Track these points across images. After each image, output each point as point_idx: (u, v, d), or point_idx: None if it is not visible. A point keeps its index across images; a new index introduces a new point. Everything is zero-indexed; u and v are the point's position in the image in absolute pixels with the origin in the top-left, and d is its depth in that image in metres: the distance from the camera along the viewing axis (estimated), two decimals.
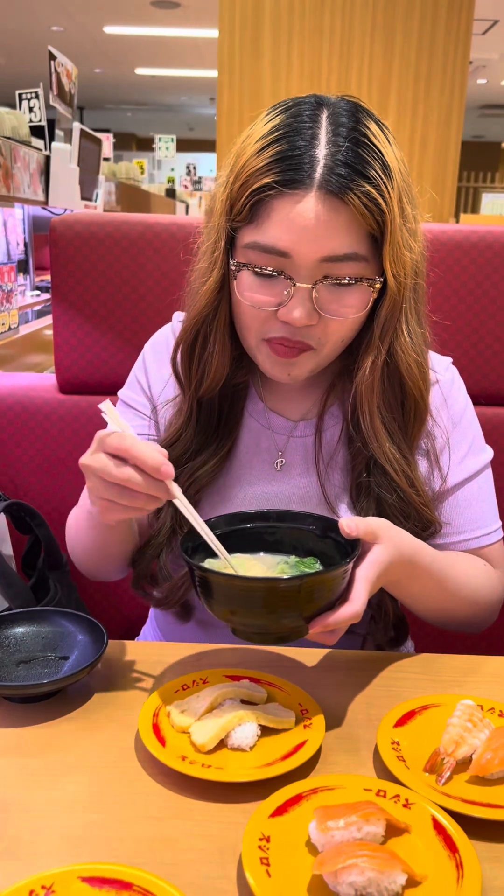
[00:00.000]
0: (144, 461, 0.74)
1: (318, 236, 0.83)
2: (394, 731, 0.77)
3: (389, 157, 0.85)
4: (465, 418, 1.04)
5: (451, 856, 0.62)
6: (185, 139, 15.88)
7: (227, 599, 0.77)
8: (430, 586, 0.92)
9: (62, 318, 1.35)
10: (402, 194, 0.86)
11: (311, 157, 0.82)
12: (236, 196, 0.86)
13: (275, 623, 0.77)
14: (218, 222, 0.90)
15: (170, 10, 8.41)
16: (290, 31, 4.17)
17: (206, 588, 0.77)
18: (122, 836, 0.66)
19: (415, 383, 0.93)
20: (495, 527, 1.03)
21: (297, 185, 0.82)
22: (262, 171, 0.83)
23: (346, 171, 0.82)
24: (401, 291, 0.88)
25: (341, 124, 0.84)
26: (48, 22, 9.08)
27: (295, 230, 0.83)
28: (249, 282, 0.87)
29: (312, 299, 0.85)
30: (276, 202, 0.83)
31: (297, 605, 0.75)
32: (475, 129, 15.02)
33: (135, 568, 1.03)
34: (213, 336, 0.94)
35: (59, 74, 3.24)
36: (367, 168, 0.82)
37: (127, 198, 5.80)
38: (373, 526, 0.82)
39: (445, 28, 4.16)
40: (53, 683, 0.80)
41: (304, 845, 0.63)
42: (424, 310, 0.96)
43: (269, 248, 0.84)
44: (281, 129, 0.84)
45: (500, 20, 7.91)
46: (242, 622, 0.78)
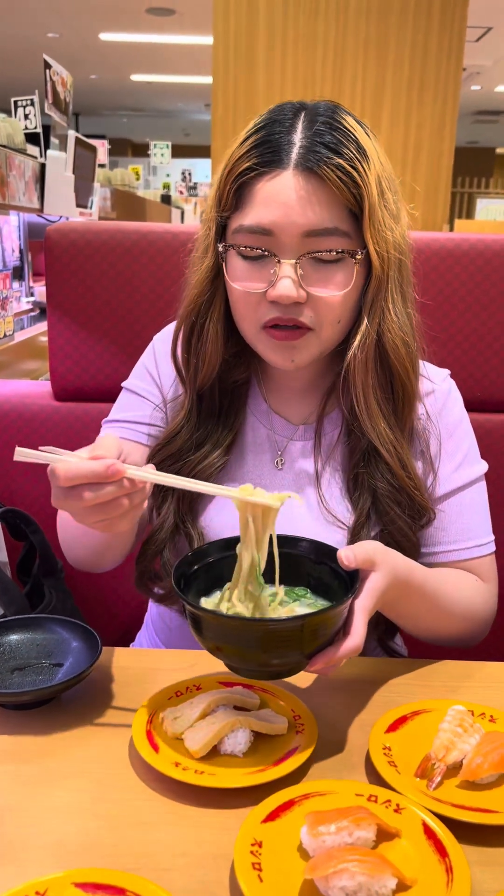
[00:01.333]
0: (87, 477, 0.71)
1: (298, 211, 0.86)
2: (385, 736, 0.78)
3: (365, 142, 0.89)
4: (461, 428, 1.05)
5: (440, 860, 0.63)
6: (181, 145, 15.90)
7: (222, 638, 0.75)
8: (423, 605, 0.92)
9: (57, 326, 1.35)
10: (380, 178, 0.90)
11: (288, 141, 0.88)
12: (223, 186, 0.91)
13: (272, 662, 0.75)
14: (209, 215, 0.95)
15: (165, 17, 8.44)
16: (284, 38, 4.20)
17: (199, 625, 0.75)
18: (116, 842, 0.66)
19: (401, 363, 0.95)
20: (487, 539, 1.03)
21: (275, 164, 0.87)
22: (243, 158, 0.89)
23: (321, 149, 0.86)
24: (385, 269, 0.91)
25: (318, 113, 0.90)
26: (44, 28, 9.11)
27: (276, 207, 0.87)
28: (239, 268, 0.91)
29: (297, 275, 0.87)
30: (257, 184, 0.88)
31: (298, 644, 0.73)
32: (470, 134, 15.07)
33: (137, 566, 1.04)
34: (207, 325, 0.97)
35: (55, 83, 3.25)
36: (341, 147, 0.87)
37: (122, 204, 5.81)
38: (369, 553, 0.81)
39: (438, 36, 4.19)
40: (48, 690, 0.81)
41: (296, 850, 0.64)
42: (411, 293, 0.98)
43: (253, 229, 0.88)
44: (262, 122, 0.91)
45: (493, 27, 7.96)
46: (237, 661, 0.77)
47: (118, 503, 0.73)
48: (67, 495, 0.72)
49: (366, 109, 4.27)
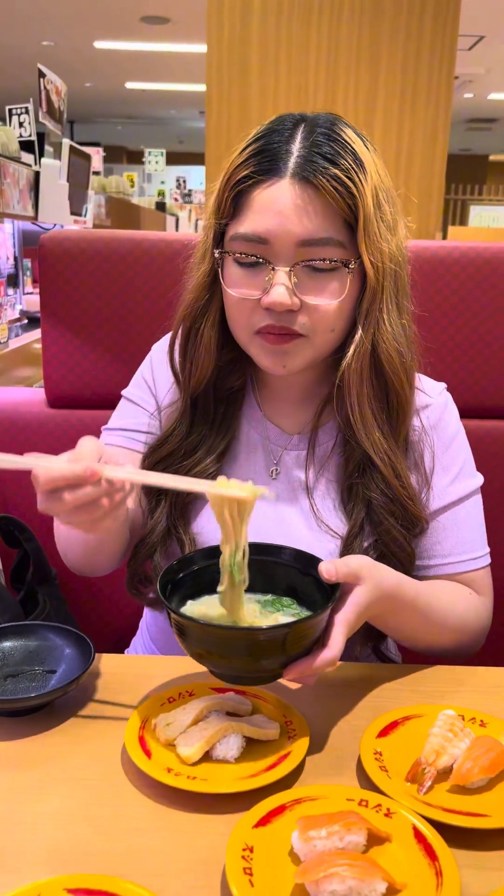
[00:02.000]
0: (67, 479, 0.72)
1: (293, 220, 0.87)
2: (376, 741, 0.78)
3: (363, 154, 0.90)
4: (456, 441, 1.05)
5: (430, 864, 0.63)
6: (175, 152, 15.95)
7: (204, 645, 0.76)
8: (415, 619, 0.92)
9: (51, 333, 1.36)
10: (377, 190, 0.91)
11: (286, 151, 0.89)
12: (221, 193, 0.93)
13: (253, 669, 0.77)
14: (208, 221, 0.96)
15: (159, 26, 8.48)
16: (278, 46, 4.22)
17: (183, 633, 0.76)
18: (108, 848, 0.67)
19: (395, 373, 0.95)
20: (482, 552, 1.04)
21: (272, 173, 0.88)
22: (242, 166, 0.90)
23: (318, 160, 0.88)
24: (379, 280, 0.92)
25: (318, 124, 0.91)
26: (39, 37, 9.13)
27: (271, 215, 0.88)
28: (234, 274, 0.92)
29: (291, 283, 0.89)
30: (254, 192, 0.89)
31: (278, 653, 0.74)
32: (463, 142, 15.15)
33: (129, 569, 1.04)
34: (202, 330, 0.98)
35: (49, 92, 3.26)
36: (338, 158, 0.88)
37: (117, 212, 5.83)
38: (353, 567, 0.82)
39: (430, 44, 4.21)
40: (40, 697, 0.81)
41: (287, 855, 0.65)
42: (408, 305, 0.98)
43: (248, 237, 0.89)
44: (262, 132, 0.92)
45: (486, 36, 8.01)
46: (219, 667, 0.78)
47: (98, 504, 0.75)
48: (49, 498, 0.74)
49: (359, 116, 4.29)
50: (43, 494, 0.74)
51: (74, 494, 0.73)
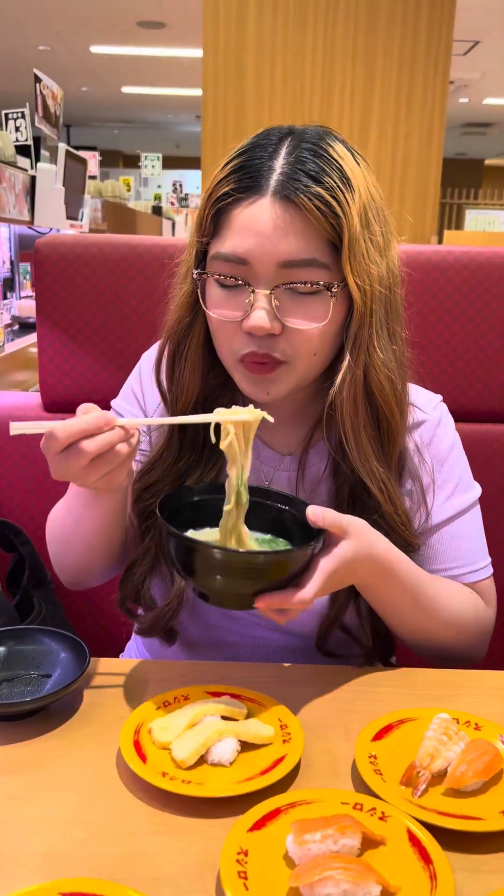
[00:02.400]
0: (85, 430, 0.77)
1: (274, 241, 0.84)
2: (371, 744, 0.78)
3: (351, 171, 0.86)
4: (452, 456, 1.03)
5: (425, 867, 0.63)
6: (172, 156, 15.96)
7: (186, 559, 0.81)
8: (406, 598, 0.92)
9: (47, 337, 1.36)
10: (366, 209, 0.87)
11: (269, 167, 0.85)
12: (202, 210, 0.90)
13: (227, 591, 0.81)
14: (191, 239, 0.93)
15: (155, 31, 8.50)
16: (273, 51, 4.23)
17: (171, 547, 0.82)
18: (103, 853, 0.67)
19: (386, 401, 0.92)
20: (483, 564, 1.02)
21: (253, 191, 0.85)
22: (223, 182, 0.87)
23: (301, 177, 0.84)
24: (367, 304, 0.88)
25: (305, 139, 0.87)
26: (35, 41, 9.15)
27: (251, 235, 0.85)
28: (215, 295, 0.89)
29: (272, 306, 0.85)
30: (234, 210, 0.86)
31: (250, 578, 0.78)
32: (458, 146, 15.21)
33: (121, 590, 1.03)
34: (186, 352, 0.95)
35: (45, 96, 3.27)
36: (322, 175, 0.84)
37: (113, 216, 5.83)
38: (342, 520, 0.84)
39: (426, 49, 4.23)
40: (36, 702, 0.81)
41: (282, 859, 0.65)
42: (401, 330, 0.95)
43: (228, 257, 0.86)
44: (246, 146, 0.89)
45: (481, 41, 8.04)
46: (199, 584, 0.82)
47: (115, 452, 0.79)
48: (68, 455, 0.78)
49: (354, 121, 4.31)
50: (59, 456, 0.78)
51: (94, 441, 0.77)
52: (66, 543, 1.02)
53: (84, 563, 1.03)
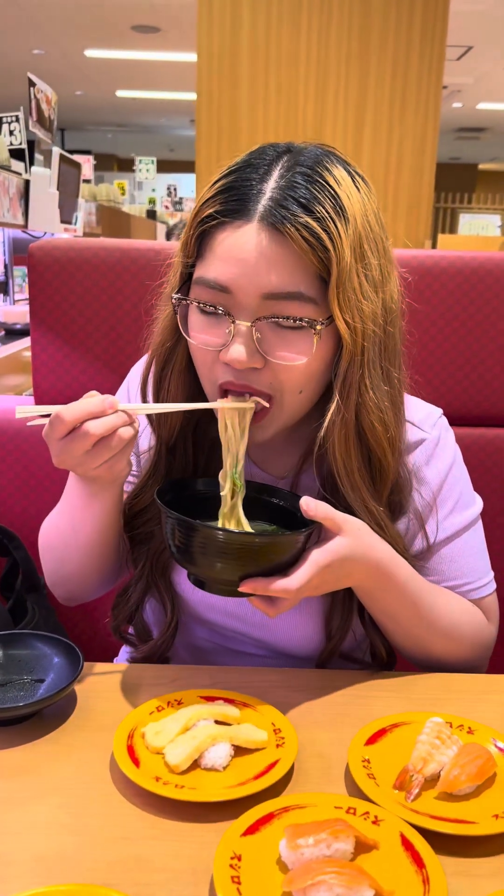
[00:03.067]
0: (91, 412, 0.79)
1: (258, 271, 0.79)
2: (365, 749, 0.78)
3: (347, 200, 0.81)
4: (451, 475, 0.99)
5: (418, 871, 0.63)
6: (166, 160, 15.99)
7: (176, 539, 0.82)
8: (406, 604, 0.91)
9: (41, 342, 1.36)
10: (362, 240, 0.81)
11: (258, 190, 0.80)
12: (188, 230, 0.85)
13: (211, 572, 0.81)
14: (176, 260, 0.89)
15: (150, 35, 8.51)
16: (267, 57, 4.24)
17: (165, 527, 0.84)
18: (97, 858, 0.67)
19: (378, 443, 0.88)
20: (486, 581, 1.00)
21: (239, 215, 0.80)
22: (209, 202, 0.82)
23: (290, 204, 0.79)
24: (357, 342, 0.82)
25: (300, 162, 0.82)
26: (29, 45, 9.15)
27: (235, 263, 0.80)
28: (196, 321, 0.85)
29: (254, 339, 0.81)
30: (218, 234, 0.81)
31: (234, 560, 0.79)
32: (452, 151, 15.26)
33: (115, 615, 1.02)
34: (170, 377, 0.92)
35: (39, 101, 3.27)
36: (313, 203, 0.79)
37: (107, 220, 5.84)
38: (337, 516, 0.83)
39: (419, 55, 4.25)
40: (29, 706, 0.81)
41: (275, 863, 0.65)
42: (397, 371, 0.90)
43: (211, 284, 0.82)
44: (238, 164, 0.84)
45: (474, 46, 8.08)
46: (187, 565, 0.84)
47: (118, 437, 0.80)
48: (73, 438, 0.79)
49: (348, 125, 4.32)
50: (64, 440, 0.80)
51: (99, 423, 0.79)
52: (63, 550, 1.01)
53: (81, 572, 1.02)
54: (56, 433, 0.80)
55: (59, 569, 1.04)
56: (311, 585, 0.82)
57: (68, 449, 0.81)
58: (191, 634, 1.04)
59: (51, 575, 1.06)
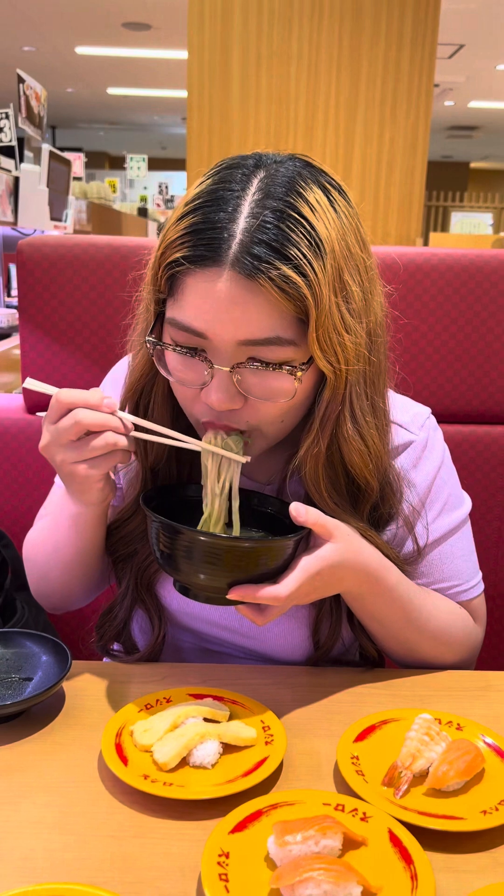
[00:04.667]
0: (86, 400, 0.79)
1: (233, 319, 0.76)
2: (353, 745, 0.78)
3: (325, 230, 0.76)
4: (439, 477, 0.98)
5: (406, 867, 0.63)
6: (158, 158, 15.96)
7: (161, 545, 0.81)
8: (396, 609, 0.90)
9: (30, 339, 1.36)
10: (341, 271, 0.78)
11: (226, 232, 0.75)
12: (157, 267, 0.81)
13: (197, 580, 0.80)
14: (146, 293, 0.86)
15: (141, 32, 8.49)
16: (259, 54, 4.24)
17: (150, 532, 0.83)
18: (84, 856, 0.66)
19: (358, 473, 0.86)
20: (473, 582, 1.00)
21: (209, 262, 0.75)
22: (176, 245, 0.77)
23: (261, 251, 0.74)
24: (340, 377, 0.80)
25: (271, 195, 0.76)
26: (20, 42, 9.12)
27: (209, 311, 0.76)
28: (174, 360, 0.82)
29: (234, 382, 0.79)
30: (188, 279, 0.77)
31: (221, 566, 0.78)
32: (444, 149, 15.29)
33: (100, 632, 1.01)
34: (152, 407, 0.90)
35: (29, 97, 3.26)
36: (287, 246, 0.74)
37: (98, 217, 5.82)
38: (327, 522, 0.82)
39: (410, 53, 4.26)
40: (16, 705, 0.81)
41: (263, 860, 0.64)
42: (382, 401, 0.88)
43: (185, 328, 0.78)
44: (204, 196, 0.78)
45: (465, 44, 8.09)
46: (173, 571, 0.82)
47: (105, 439, 0.80)
48: (62, 423, 0.79)
49: (339, 124, 4.33)
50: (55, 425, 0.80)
51: (91, 414, 0.79)
52: (45, 566, 1.02)
53: (63, 587, 1.02)
54: (51, 415, 0.81)
55: (42, 583, 1.04)
56: (301, 593, 0.81)
57: (56, 434, 0.80)
58: (178, 644, 1.03)
59: (34, 587, 1.06)
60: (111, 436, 0.80)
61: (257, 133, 4.25)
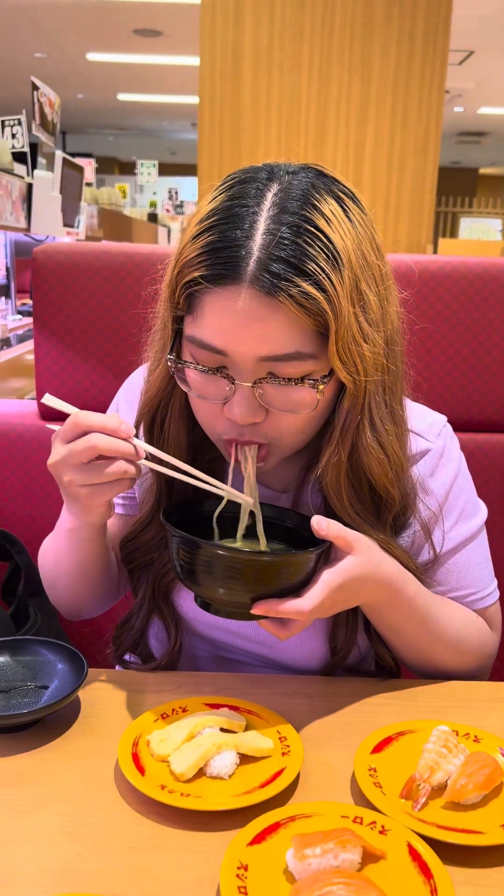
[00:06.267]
0: (103, 425, 0.78)
1: (254, 335, 0.76)
2: (371, 757, 0.78)
3: (341, 241, 0.76)
4: (456, 485, 0.98)
5: (425, 881, 0.63)
6: (168, 163, 16.01)
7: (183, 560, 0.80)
8: (413, 619, 0.90)
9: (44, 346, 1.36)
10: (358, 281, 0.78)
11: (244, 250, 0.75)
12: (173, 285, 0.81)
13: (220, 594, 0.79)
14: (163, 310, 0.86)
15: (151, 39, 8.52)
16: (270, 61, 4.25)
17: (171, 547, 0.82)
18: (101, 867, 0.66)
19: (378, 481, 0.86)
20: (490, 590, 1.00)
21: (228, 280, 0.75)
22: (194, 263, 0.77)
23: (279, 268, 0.74)
24: (360, 387, 0.80)
25: (286, 209, 0.76)
26: (31, 49, 9.16)
27: (229, 329, 0.77)
28: (195, 377, 0.82)
29: (256, 396, 0.79)
30: (207, 297, 0.77)
31: (243, 580, 0.77)
32: (453, 155, 15.28)
33: (117, 643, 1.01)
34: (168, 422, 0.90)
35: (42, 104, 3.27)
36: (305, 262, 0.74)
37: (109, 223, 5.84)
38: (348, 535, 0.82)
39: (421, 59, 4.26)
40: (33, 713, 0.81)
41: (282, 873, 0.64)
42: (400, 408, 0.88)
43: (205, 345, 0.79)
44: (219, 213, 0.78)
45: (476, 51, 8.09)
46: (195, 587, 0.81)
47: (115, 465, 0.78)
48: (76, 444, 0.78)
49: (350, 130, 4.33)
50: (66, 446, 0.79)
51: (107, 440, 0.77)
52: (53, 576, 1.03)
53: (72, 598, 1.03)
54: (65, 434, 0.80)
55: (52, 591, 1.05)
56: (324, 606, 0.81)
57: (66, 454, 0.79)
58: (193, 652, 1.03)
59: (48, 593, 1.07)
60: (123, 464, 0.79)
61: (268, 139, 4.26)
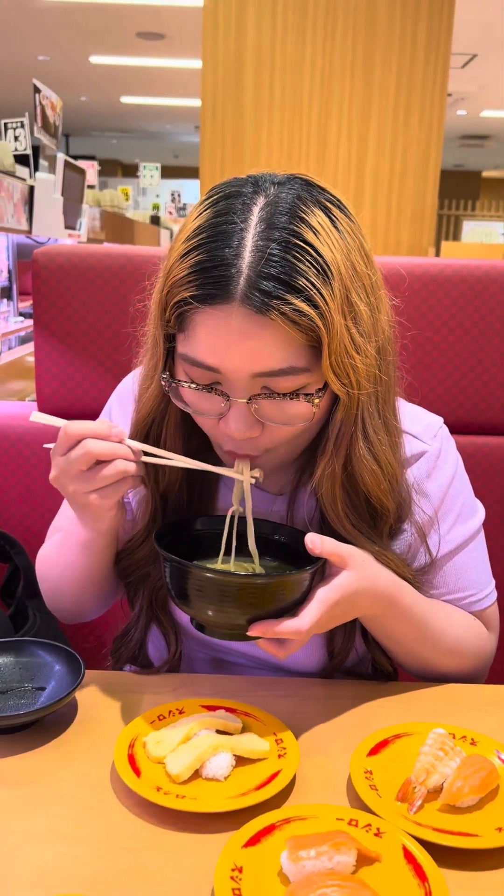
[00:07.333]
0: (95, 431, 0.80)
1: (246, 352, 0.76)
2: (367, 760, 0.78)
3: (330, 252, 0.76)
4: (453, 487, 0.97)
5: (420, 884, 0.63)
6: (170, 166, 16.02)
7: (178, 583, 0.80)
8: (411, 628, 0.90)
9: (44, 348, 1.36)
10: (348, 293, 0.77)
11: (233, 269, 0.74)
12: (164, 304, 0.80)
13: (216, 617, 0.79)
14: (154, 328, 0.85)
15: (154, 42, 8.54)
16: (273, 64, 4.25)
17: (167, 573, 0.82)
18: (97, 868, 0.66)
19: (371, 491, 0.86)
20: (487, 591, 1.00)
21: (219, 300, 0.75)
22: (183, 283, 0.76)
23: (270, 286, 0.73)
24: (353, 398, 0.80)
25: (274, 224, 0.75)
26: (34, 51, 9.18)
27: (221, 347, 0.76)
28: (190, 393, 0.83)
29: (252, 412, 0.79)
30: (198, 316, 0.77)
31: (238, 602, 0.77)
32: (456, 158, 15.29)
33: (116, 655, 1.01)
34: (164, 438, 0.89)
35: (44, 107, 3.28)
36: (295, 277, 0.74)
37: (111, 225, 5.85)
38: (342, 550, 0.82)
39: (424, 62, 4.26)
40: (29, 714, 0.81)
41: (277, 875, 0.64)
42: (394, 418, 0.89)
43: (198, 363, 0.78)
44: (206, 230, 0.77)
45: (479, 54, 8.09)
46: (190, 610, 0.81)
47: (115, 467, 0.80)
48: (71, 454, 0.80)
49: (352, 133, 4.33)
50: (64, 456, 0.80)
51: (100, 444, 0.79)
52: (56, 583, 1.03)
53: (75, 603, 1.03)
54: (59, 449, 0.81)
55: (54, 597, 1.05)
56: (321, 623, 0.80)
57: (66, 465, 0.80)
58: (191, 655, 1.03)
59: (47, 600, 1.07)
60: (121, 463, 0.80)
61: (270, 142, 4.26)
